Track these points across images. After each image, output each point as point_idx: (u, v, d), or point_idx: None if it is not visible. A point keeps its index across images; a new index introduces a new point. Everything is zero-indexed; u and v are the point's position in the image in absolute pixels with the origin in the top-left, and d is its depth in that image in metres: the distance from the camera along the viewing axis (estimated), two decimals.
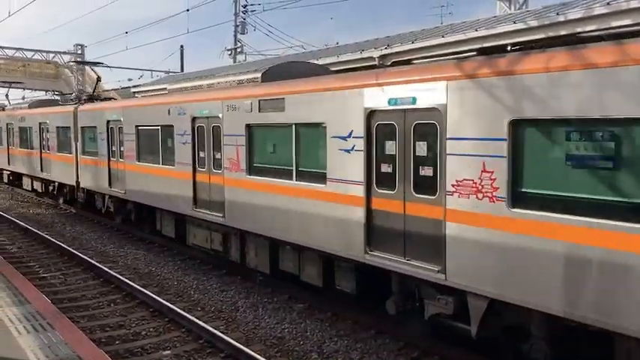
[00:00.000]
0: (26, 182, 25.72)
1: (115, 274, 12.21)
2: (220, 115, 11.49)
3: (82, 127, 18.92)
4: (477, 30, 13.81)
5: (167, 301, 10.41)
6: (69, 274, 12.92)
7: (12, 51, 42.91)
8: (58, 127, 20.94)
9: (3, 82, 35.52)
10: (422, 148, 7.53)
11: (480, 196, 6.63)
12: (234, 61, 35.97)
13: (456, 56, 7.99)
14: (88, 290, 11.62)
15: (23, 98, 43.52)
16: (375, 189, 8.21)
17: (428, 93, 7.34)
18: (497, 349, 7.43)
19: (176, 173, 13.23)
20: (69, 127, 19.75)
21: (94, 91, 22.73)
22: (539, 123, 6.17)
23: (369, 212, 8.29)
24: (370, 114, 8.18)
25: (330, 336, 9.04)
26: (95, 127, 17.61)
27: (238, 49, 37.64)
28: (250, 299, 10.94)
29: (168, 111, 13.35)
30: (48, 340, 6.82)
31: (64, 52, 44.75)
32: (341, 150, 8.64)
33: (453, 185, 6.98)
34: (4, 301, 8.32)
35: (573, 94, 5.80)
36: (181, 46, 45.30)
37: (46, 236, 16.40)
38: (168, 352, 8.39)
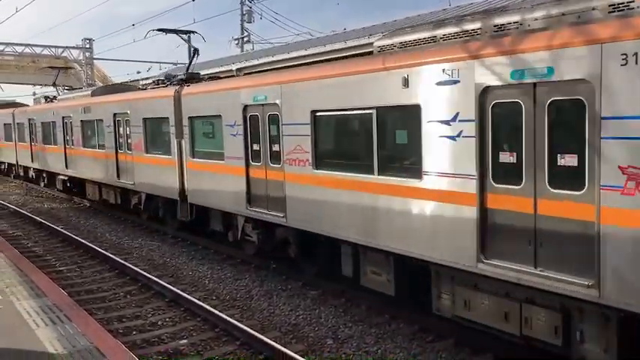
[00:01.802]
0: (92, 191, 20.36)
1: (130, 265, 12.31)
2: (597, 77, 5.62)
3: (190, 118, 13.40)
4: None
5: (182, 291, 10.49)
6: (85, 266, 13.05)
7: (21, 47, 43.23)
8: (145, 119, 15.37)
9: (51, 67, 34.19)
10: None
11: None
12: (242, 51, 35.90)
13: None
14: (104, 282, 11.73)
15: (34, 94, 43.91)
16: None
17: None
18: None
19: (426, 193, 7.56)
20: (166, 117, 14.24)
21: (188, 68, 15.98)
22: None
23: None
24: None
25: (345, 322, 9.07)
26: (218, 116, 12.16)
27: (245, 38, 37.57)
28: (264, 287, 10.99)
29: (405, 80, 7.63)
30: (65, 332, 6.91)
31: (73, 47, 45.08)
32: None
33: None
34: (22, 295, 8.43)
35: None
36: (189, 37, 45.23)
37: (62, 230, 16.55)
38: (185, 341, 8.45)
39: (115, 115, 17.03)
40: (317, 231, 9.71)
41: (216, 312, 9.14)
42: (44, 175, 25.86)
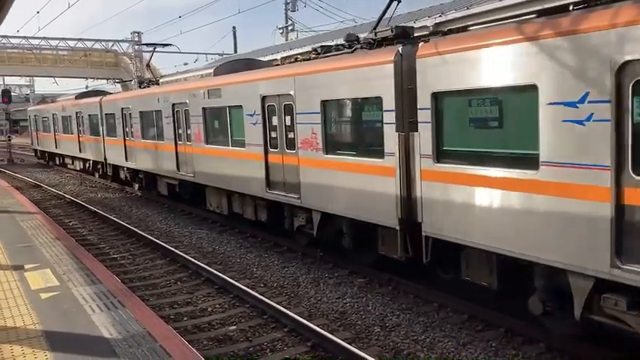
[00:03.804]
0: (216, 201, 15.55)
1: (180, 253, 12.57)
2: None
3: (436, 96, 8.11)
4: None
5: (231, 278, 10.65)
6: (137, 254, 13.41)
7: (74, 42, 44.72)
8: (326, 103, 10.40)
9: (147, 44, 32.28)
10: None
11: None
12: (286, 39, 35.98)
13: (514, 20, 7.65)
14: (156, 269, 12.03)
15: (86, 87, 45.34)
16: None
17: None
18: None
19: None
20: (373, 98, 9.26)
21: (379, 23, 10.49)
22: None
23: None
24: None
25: (392, 310, 9.03)
26: (526, 88, 6.90)
27: (289, 27, 37.65)
28: (311, 275, 11.05)
29: None
30: (119, 317, 7.11)
31: (122, 41, 46.34)
32: None
33: None
34: (78, 281, 8.73)
35: None
36: (233, 27, 46.04)
37: (115, 219, 17.05)
38: (234, 327, 8.59)
39: (264, 99, 12.17)
40: None
41: (265, 299, 9.25)
42: (141, 176, 21.23)
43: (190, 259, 12.00)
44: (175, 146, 16.84)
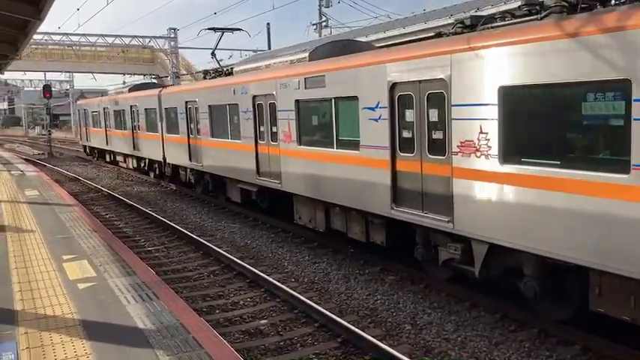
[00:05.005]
0: (307, 213, 12.93)
1: (213, 246, 12.73)
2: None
3: None
4: None
5: (263, 272, 10.73)
6: (171, 247, 13.63)
7: (112, 38, 45.64)
8: (508, 90, 7.35)
9: (213, 29, 28.69)
10: None
11: None
12: (320, 36, 35.95)
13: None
14: (189, 262, 12.21)
15: (124, 83, 46.23)
16: None
17: None
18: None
19: None
20: (619, 80, 6.07)
21: None
22: None
23: None
24: None
25: (424, 308, 8.97)
26: None
27: (323, 23, 37.62)
28: (342, 271, 11.05)
29: None
30: (153, 308, 7.24)
31: (159, 37, 47.02)
32: None
33: None
34: (114, 273, 8.92)
35: None
36: (268, 24, 46.29)
37: (150, 212, 17.35)
38: (265, 321, 8.67)
39: (393, 87, 9.36)
40: None
41: (296, 294, 9.29)
42: (207, 178, 18.73)
43: (223, 252, 12.14)
44: (256, 146, 14.35)
